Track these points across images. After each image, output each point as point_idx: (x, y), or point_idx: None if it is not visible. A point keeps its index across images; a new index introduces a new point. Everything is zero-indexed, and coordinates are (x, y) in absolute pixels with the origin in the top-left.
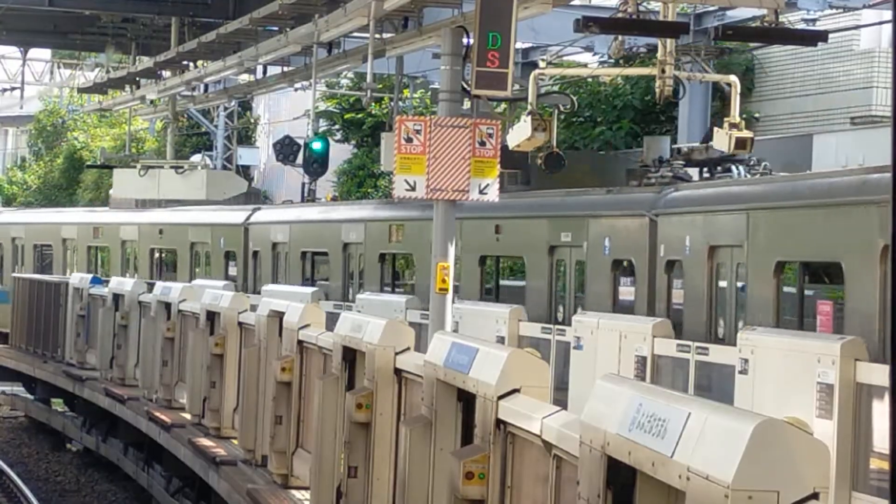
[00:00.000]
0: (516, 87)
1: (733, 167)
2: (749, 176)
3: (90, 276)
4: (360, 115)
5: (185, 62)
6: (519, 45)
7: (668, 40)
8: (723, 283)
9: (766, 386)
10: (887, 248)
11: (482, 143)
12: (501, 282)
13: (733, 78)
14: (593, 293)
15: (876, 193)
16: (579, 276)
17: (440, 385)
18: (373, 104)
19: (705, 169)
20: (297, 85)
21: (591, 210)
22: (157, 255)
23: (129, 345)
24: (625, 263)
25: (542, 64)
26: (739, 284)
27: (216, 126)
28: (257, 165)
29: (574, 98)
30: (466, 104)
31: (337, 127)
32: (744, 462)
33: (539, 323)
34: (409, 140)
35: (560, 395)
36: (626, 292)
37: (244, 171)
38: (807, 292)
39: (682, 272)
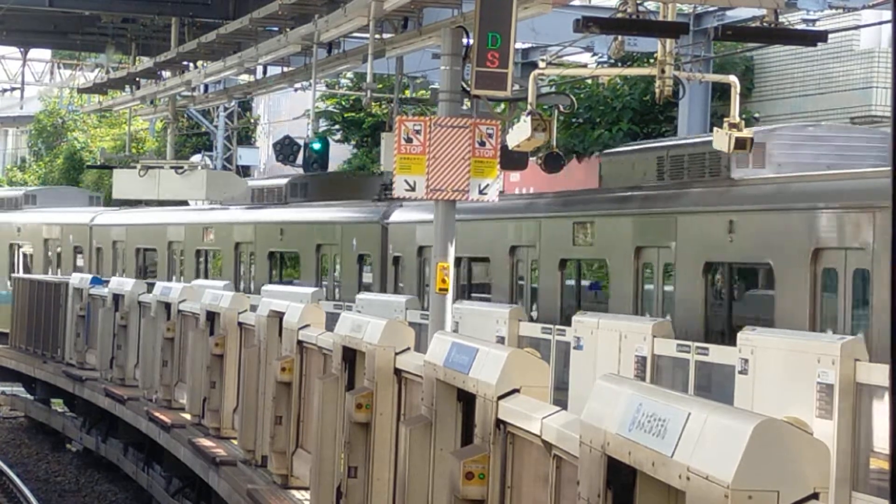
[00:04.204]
0: (516, 87)
1: None
2: None
3: (90, 276)
4: (359, 115)
5: (185, 62)
6: (519, 45)
7: (668, 40)
8: (427, 272)
9: (766, 386)
10: (514, 249)
11: (482, 143)
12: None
13: (733, 78)
14: (346, 278)
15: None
16: (336, 267)
17: (440, 385)
18: (373, 104)
19: None
20: (297, 85)
21: (343, 220)
22: (16, 251)
23: (129, 345)
24: (366, 257)
25: (541, 64)
26: (430, 272)
27: (216, 126)
28: (257, 166)
29: (573, 98)
30: (466, 104)
31: (337, 127)
32: (744, 462)
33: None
34: (408, 140)
35: (560, 395)
36: (367, 277)
37: (244, 172)
38: (474, 279)
39: (403, 265)
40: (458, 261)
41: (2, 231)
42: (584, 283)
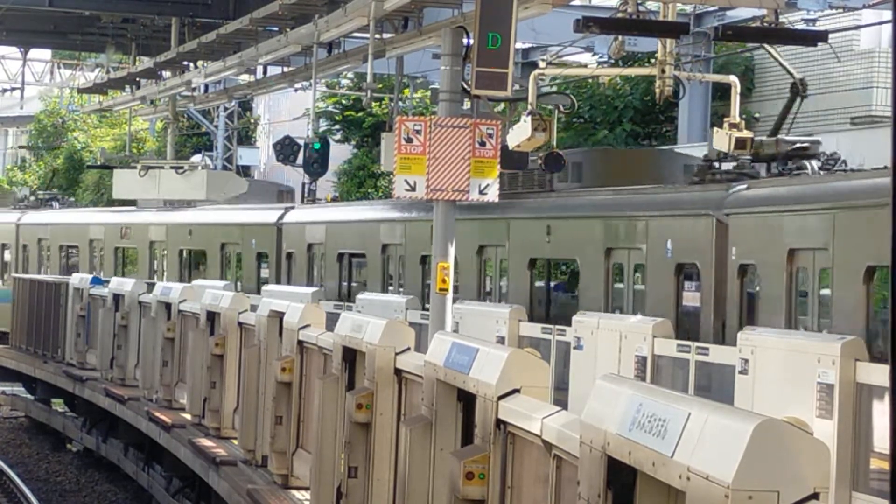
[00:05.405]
0: (516, 87)
1: (806, 162)
2: (823, 171)
3: (90, 276)
4: (359, 115)
5: (185, 62)
6: (519, 45)
7: (668, 40)
8: (796, 285)
9: (766, 386)
10: None
11: (482, 143)
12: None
13: (733, 78)
14: (653, 299)
15: None
16: (635, 280)
17: (440, 385)
18: (373, 104)
19: (774, 164)
20: (297, 85)
21: (648, 211)
22: (185, 255)
23: (130, 345)
24: (688, 266)
25: (542, 64)
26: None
27: (216, 126)
28: (257, 166)
29: (574, 98)
30: (466, 104)
31: (337, 127)
32: (744, 462)
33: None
34: (409, 140)
35: (560, 395)
36: (692, 298)
37: (244, 172)
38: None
39: (757, 277)
40: (870, 271)
41: (172, 234)
42: None
